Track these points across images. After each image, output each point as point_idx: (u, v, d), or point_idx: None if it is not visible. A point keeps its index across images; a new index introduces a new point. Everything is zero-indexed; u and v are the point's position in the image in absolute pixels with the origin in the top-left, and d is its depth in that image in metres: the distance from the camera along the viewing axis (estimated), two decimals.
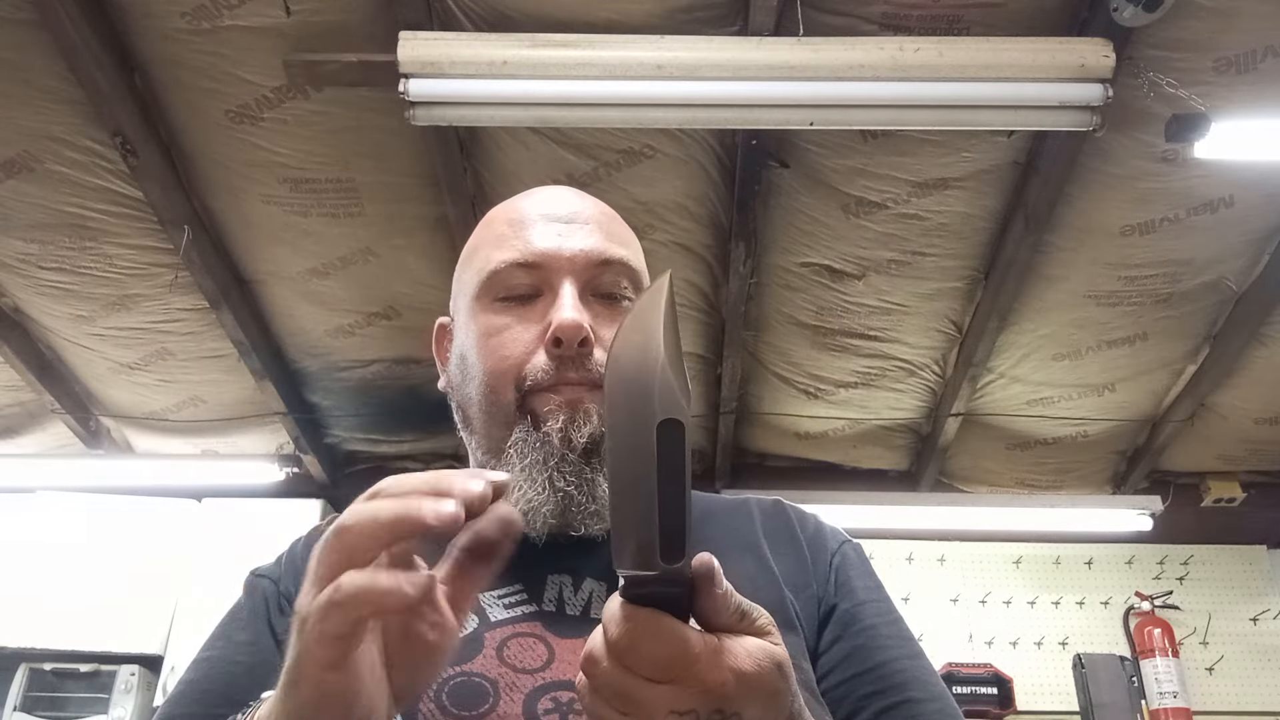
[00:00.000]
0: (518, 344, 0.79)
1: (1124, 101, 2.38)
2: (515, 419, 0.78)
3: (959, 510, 3.80)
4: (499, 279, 0.81)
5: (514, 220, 0.84)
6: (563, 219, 0.83)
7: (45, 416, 3.80)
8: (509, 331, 0.80)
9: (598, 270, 0.81)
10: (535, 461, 0.76)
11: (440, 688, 0.67)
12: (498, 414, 0.80)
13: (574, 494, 0.75)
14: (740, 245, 2.94)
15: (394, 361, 3.52)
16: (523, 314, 0.80)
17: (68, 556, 3.70)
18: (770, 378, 3.61)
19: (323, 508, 3.84)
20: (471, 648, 0.70)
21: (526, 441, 0.77)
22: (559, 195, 0.87)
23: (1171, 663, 3.63)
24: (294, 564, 0.83)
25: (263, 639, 0.78)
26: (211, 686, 0.76)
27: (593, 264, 0.81)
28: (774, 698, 0.52)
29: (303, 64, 2.39)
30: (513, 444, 0.78)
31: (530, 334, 0.79)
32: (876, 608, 0.81)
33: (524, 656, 0.70)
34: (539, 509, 0.75)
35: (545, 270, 0.80)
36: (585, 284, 0.80)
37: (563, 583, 0.77)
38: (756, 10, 2.29)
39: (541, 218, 0.83)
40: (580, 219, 0.83)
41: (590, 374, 0.77)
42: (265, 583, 0.83)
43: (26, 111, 2.58)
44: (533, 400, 0.78)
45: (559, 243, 0.81)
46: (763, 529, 0.85)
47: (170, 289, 3.12)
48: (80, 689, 3.53)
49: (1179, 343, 3.33)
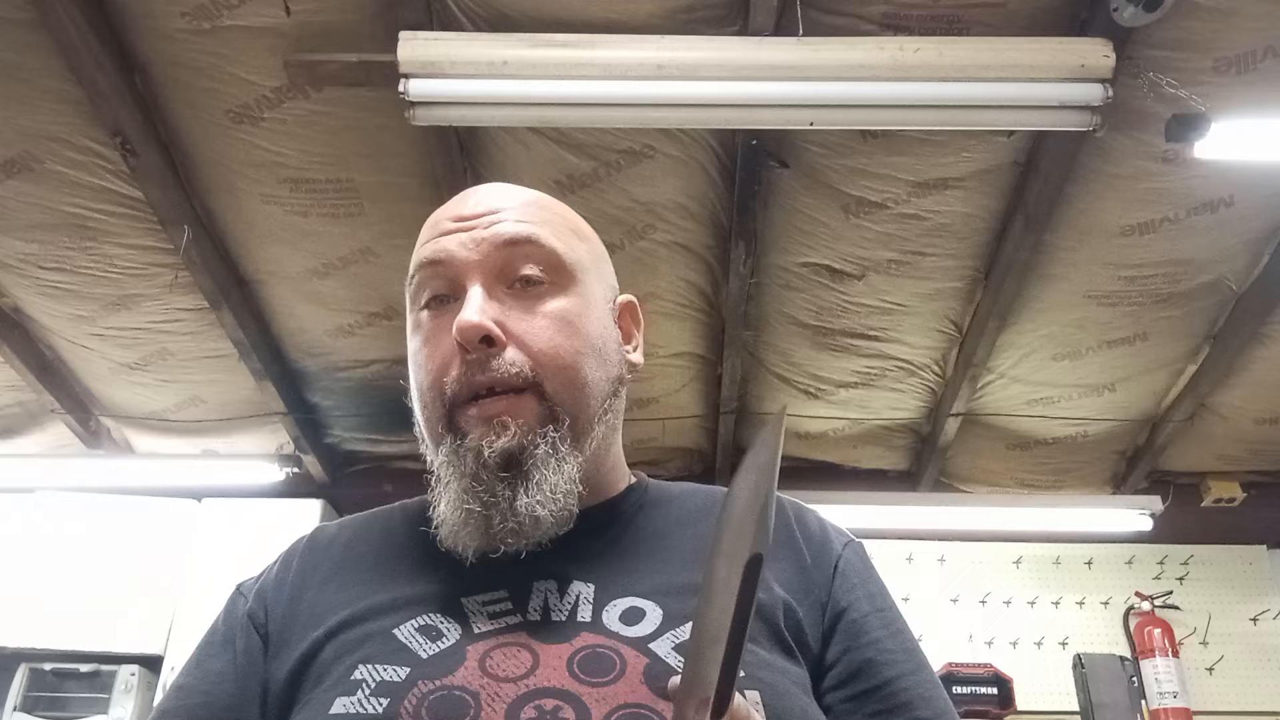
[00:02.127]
0: (438, 354, 0.76)
1: (1124, 101, 2.38)
2: (443, 436, 0.76)
3: (959, 510, 3.79)
4: (417, 285, 0.79)
5: (432, 224, 0.82)
6: (470, 215, 0.79)
7: (45, 416, 3.80)
8: (430, 344, 0.77)
9: (503, 256, 0.77)
10: (456, 479, 0.73)
11: (420, 703, 0.65)
12: (431, 431, 0.77)
13: (489, 514, 0.72)
14: (740, 245, 2.94)
15: (394, 361, 3.52)
16: (442, 321, 0.77)
17: (68, 556, 3.70)
18: (770, 378, 3.61)
19: (323, 508, 3.84)
20: (453, 659, 0.68)
21: (450, 461, 0.74)
22: (474, 193, 0.83)
23: (1171, 663, 3.63)
24: (268, 581, 0.81)
25: (229, 667, 0.76)
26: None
27: (495, 249, 0.77)
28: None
29: (303, 64, 2.39)
30: (441, 463, 0.75)
31: (448, 343, 0.75)
32: (881, 619, 0.79)
33: (507, 665, 0.68)
34: (458, 534, 0.73)
35: (452, 268, 0.77)
36: (494, 276, 0.77)
37: (548, 589, 0.74)
38: (756, 10, 2.29)
39: (450, 217, 0.80)
40: (489, 209, 0.80)
41: (497, 375, 0.73)
42: (240, 602, 0.81)
43: (26, 111, 2.58)
44: (457, 414, 0.75)
45: (460, 238, 0.78)
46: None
47: (170, 289, 3.12)
48: (80, 689, 3.53)
49: (1179, 343, 3.33)
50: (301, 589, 0.78)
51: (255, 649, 0.76)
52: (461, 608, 0.72)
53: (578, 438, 0.76)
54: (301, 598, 0.78)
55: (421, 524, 0.82)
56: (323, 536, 0.85)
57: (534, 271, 0.77)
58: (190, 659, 0.80)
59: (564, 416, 0.75)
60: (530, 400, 0.74)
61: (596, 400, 0.78)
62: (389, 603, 0.73)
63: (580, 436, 0.76)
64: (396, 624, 0.71)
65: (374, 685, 0.67)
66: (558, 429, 0.74)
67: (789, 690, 0.70)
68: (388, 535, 0.83)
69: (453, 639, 0.70)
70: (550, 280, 0.78)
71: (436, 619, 0.72)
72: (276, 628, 0.76)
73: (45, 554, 3.70)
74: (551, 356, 0.75)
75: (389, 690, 0.66)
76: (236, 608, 0.81)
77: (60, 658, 3.56)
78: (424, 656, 0.68)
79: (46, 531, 3.75)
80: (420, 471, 0.81)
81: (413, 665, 0.68)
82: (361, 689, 0.67)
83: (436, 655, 0.69)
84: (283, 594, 0.79)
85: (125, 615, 3.63)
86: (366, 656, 0.69)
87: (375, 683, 0.67)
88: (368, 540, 0.83)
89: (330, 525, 0.87)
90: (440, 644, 0.69)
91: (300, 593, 0.78)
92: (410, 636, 0.70)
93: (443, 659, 0.68)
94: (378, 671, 0.68)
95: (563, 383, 0.75)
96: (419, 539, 0.80)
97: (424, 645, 0.69)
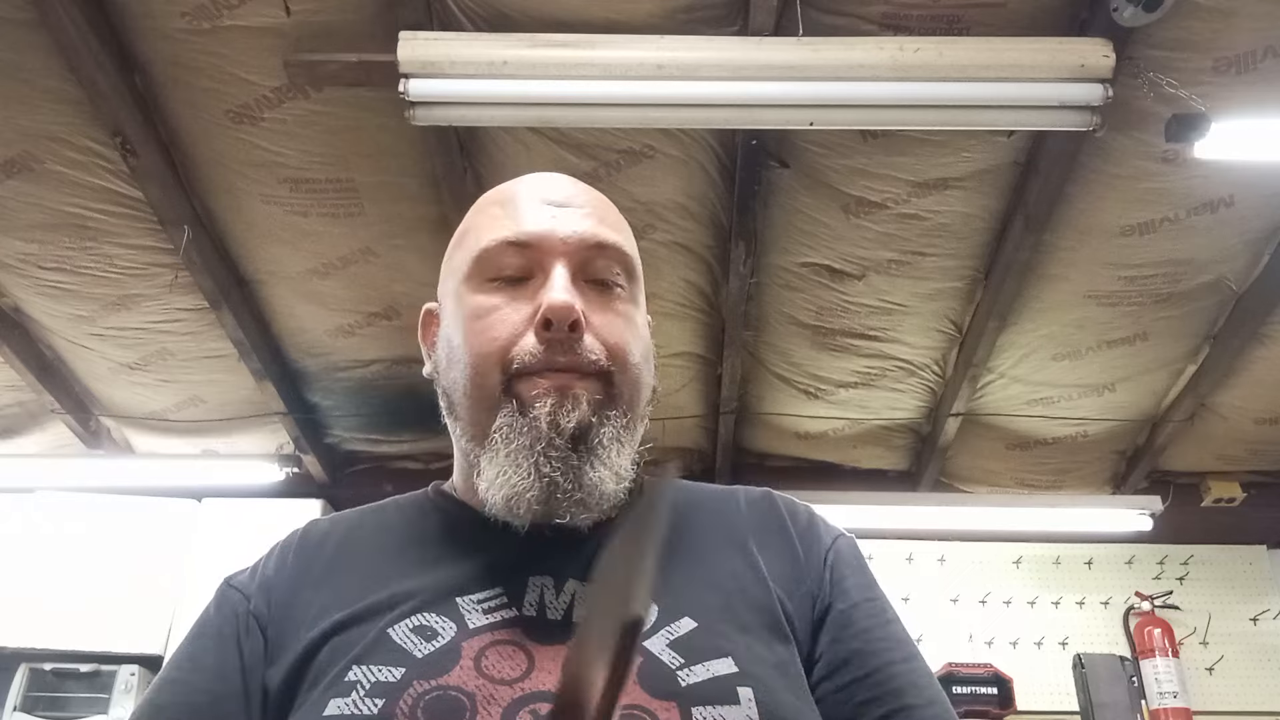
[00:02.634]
0: (506, 325, 0.77)
1: (1124, 101, 2.38)
2: (500, 403, 0.76)
3: (959, 510, 3.79)
4: (489, 258, 0.79)
5: (506, 201, 0.82)
6: (556, 202, 0.81)
7: (45, 416, 3.80)
8: (498, 313, 0.77)
9: (590, 254, 0.79)
10: (521, 446, 0.73)
11: (415, 704, 0.65)
12: (483, 398, 0.77)
13: (559, 480, 0.73)
14: (740, 245, 2.94)
15: (394, 361, 3.52)
16: (513, 295, 0.78)
17: (68, 557, 3.70)
18: (770, 378, 3.61)
19: (323, 508, 3.84)
20: (448, 659, 0.68)
21: (512, 426, 0.74)
22: (553, 179, 0.85)
23: (1171, 663, 3.63)
24: (266, 578, 0.81)
25: (228, 664, 0.75)
26: (179, 715, 0.74)
27: (586, 247, 0.79)
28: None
29: (303, 64, 2.39)
30: (497, 428, 0.75)
31: (519, 315, 0.77)
32: (870, 608, 0.79)
33: (502, 666, 0.68)
34: (523, 495, 0.73)
35: (537, 251, 0.78)
36: (577, 268, 0.78)
37: (544, 585, 0.74)
38: (756, 10, 2.29)
39: (535, 200, 0.81)
40: (575, 203, 0.81)
41: (579, 358, 0.75)
42: (236, 597, 0.80)
43: (26, 111, 2.58)
44: (520, 384, 0.75)
45: (552, 224, 0.79)
46: (750, 522, 0.83)
47: (170, 289, 3.12)
48: (80, 689, 3.53)
49: (1179, 343, 3.33)
50: (297, 589, 0.78)
51: (259, 651, 0.76)
52: (456, 606, 0.72)
53: (631, 430, 0.79)
54: (296, 599, 0.77)
55: (417, 519, 0.82)
56: (315, 532, 0.85)
57: (614, 276, 0.80)
58: (180, 653, 0.79)
59: (625, 407, 0.78)
60: (599, 385, 0.77)
61: (643, 404, 0.81)
62: (384, 601, 0.73)
63: (633, 430, 0.79)
64: (391, 624, 0.71)
65: (369, 686, 0.67)
66: (621, 416, 0.77)
67: (780, 686, 0.70)
68: (383, 531, 0.83)
69: (447, 638, 0.70)
70: (623, 287, 0.81)
71: (431, 618, 0.71)
72: (275, 630, 0.76)
73: (45, 554, 3.70)
74: (623, 353, 0.78)
75: (384, 691, 0.66)
76: (231, 603, 0.80)
77: (60, 658, 3.55)
78: (419, 656, 0.68)
79: (46, 531, 3.75)
80: (420, 471, 0.82)
81: (408, 665, 0.68)
82: (356, 690, 0.67)
83: (431, 655, 0.69)
84: (280, 594, 0.78)
85: (125, 615, 3.63)
86: (361, 657, 0.69)
87: (370, 684, 0.67)
88: (362, 537, 0.83)
89: (323, 521, 0.87)
90: (435, 643, 0.69)
91: (295, 593, 0.78)
92: (405, 637, 0.70)
93: (438, 658, 0.68)
94: (372, 672, 0.68)
95: (627, 379, 0.78)
96: (414, 535, 0.81)
97: (419, 645, 0.69)
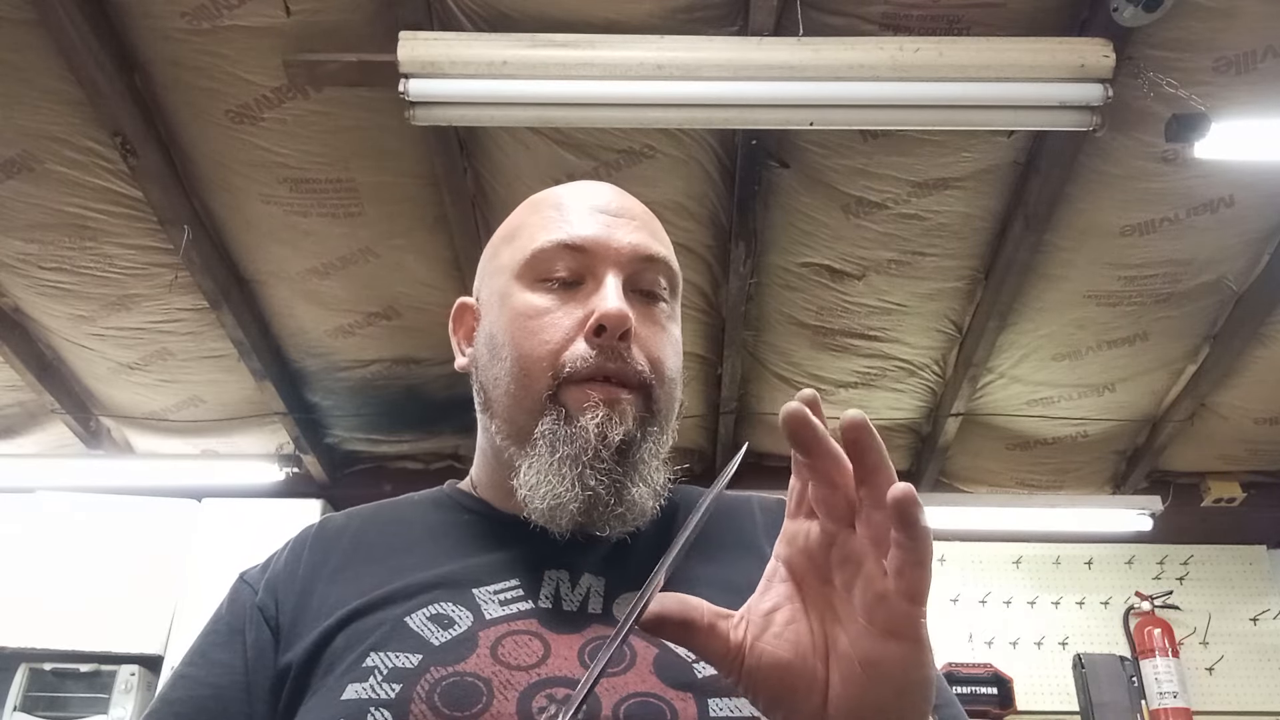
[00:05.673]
0: (558, 329, 0.77)
1: (1124, 101, 2.38)
2: (546, 407, 0.76)
3: (959, 510, 3.79)
4: (543, 259, 0.79)
5: (561, 205, 0.83)
6: (610, 211, 0.82)
7: (45, 416, 3.80)
8: (549, 315, 0.78)
9: (641, 266, 0.80)
10: (566, 456, 0.74)
11: (432, 689, 0.66)
12: (527, 400, 0.77)
13: (602, 494, 0.73)
14: (740, 245, 2.94)
15: (394, 361, 3.52)
16: (564, 299, 0.78)
17: (68, 556, 3.70)
18: (770, 378, 3.61)
19: (323, 508, 3.84)
20: (465, 646, 0.69)
21: (557, 434, 0.75)
22: (605, 189, 0.86)
23: (1171, 663, 3.64)
24: (276, 571, 0.81)
25: (233, 657, 0.76)
26: (185, 710, 0.74)
27: (638, 258, 0.80)
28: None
29: (303, 64, 2.39)
30: (542, 434, 0.75)
31: (570, 320, 0.77)
32: None
33: (519, 653, 0.69)
34: (566, 505, 0.73)
35: (591, 257, 0.79)
36: (627, 278, 0.79)
37: (560, 578, 0.75)
38: (756, 10, 2.29)
39: (589, 207, 0.82)
40: (627, 214, 0.83)
41: (627, 367, 0.76)
42: (246, 590, 0.81)
43: (26, 111, 2.58)
44: (568, 391, 0.76)
45: (607, 232, 0.80)
46: (764, 529, 0.84)
47: (170, 289, 3.12)
48: (80, 689, 3.53)
49: (1179, 343, 3.33)
50: (312, 581, 0.79)
51: (265, 643, 0.76)
52: (473, 596, 0.73)
53: (665, 445, 0.80)
54: (313, 590, 0.78)
55: (434, 513, 0.83)
56: (331, 526, 0.85)
57: (660, 290, 0.82)
58: (193, 648, 0.80)
59: (662, 421, 0.79)
60: (641, 399, 0.77)
61: (674, 419, 0.82)
62: (400, 591, 0.74)
63: (666, 445, 0.80)
64: (408, 612, 0.72)
65: (386, 671, 0.67)
66: (659, 432, 0.78)
67: None
68: (399, 525, 0.84)
69: (464, 626, 0.71)
70: (667, 301, 0.83)
71: (448, 607, 0.72)
72: (287, 620, 0.76)
73: (45, 554, 3.70)
74: (663, 366, 0.79)
75: (401, 676, 0.67)
76: (243, 598, 0.80)
77: (60, 658, 3.56)
78: (436, 644, 0.69)
79: (46, 531, 3.75)
80: (420, 471, 0.82)
81: (425, 652, 0.68)
82: (374, 675, 0.67)
83: (448, 642, 0.69)
84: (294, 586, 0.79)
85: (125, 615, 3.63)
86: (378, 644, 0.69)
87: (388, 669, 0.67)
88: (378, 529, 0.84)
89: (338, 515, 0.88)
90: (452, 631, 0.70)
91: (311, 585, 0.78)
92: (422, 625, 0.71)
93: (455, 646, 0.69)
94: (390, 658, 0.68)
95: (664, 393, 0.79)
96: (431, 528, 0.82)
97: (436, 633, 0.70)
